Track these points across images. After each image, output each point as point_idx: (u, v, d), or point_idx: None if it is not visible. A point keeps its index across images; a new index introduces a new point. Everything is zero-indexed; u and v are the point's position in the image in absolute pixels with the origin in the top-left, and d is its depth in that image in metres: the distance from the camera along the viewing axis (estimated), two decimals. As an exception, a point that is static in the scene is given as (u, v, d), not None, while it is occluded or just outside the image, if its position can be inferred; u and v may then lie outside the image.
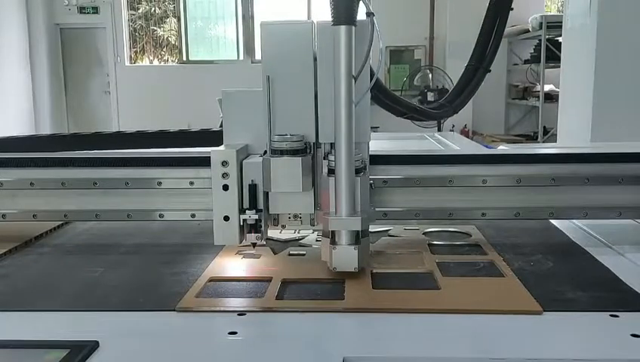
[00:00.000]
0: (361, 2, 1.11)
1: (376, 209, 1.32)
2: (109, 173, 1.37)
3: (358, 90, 1.11)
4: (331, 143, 1.16)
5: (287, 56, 1.19)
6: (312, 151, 1.20)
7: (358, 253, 1.13)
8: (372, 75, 1.17)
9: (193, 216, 1.35)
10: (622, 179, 1.33)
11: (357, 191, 1.13)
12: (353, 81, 1.09)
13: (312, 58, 1.19)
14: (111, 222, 1.51)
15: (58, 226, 1.56)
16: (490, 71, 1.91)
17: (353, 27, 1.09)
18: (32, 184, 1.38)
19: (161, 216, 1.37)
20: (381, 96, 1.63)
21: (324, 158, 1.20)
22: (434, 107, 2.09)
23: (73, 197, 1.39)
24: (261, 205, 1.17)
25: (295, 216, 1.24)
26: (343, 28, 1.08)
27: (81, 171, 1.39)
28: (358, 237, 1.14)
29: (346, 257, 1.14)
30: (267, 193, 1.17)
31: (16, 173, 1.40)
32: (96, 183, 1.37)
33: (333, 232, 1.15)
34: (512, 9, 1.84)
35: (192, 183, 1.34)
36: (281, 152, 1.14)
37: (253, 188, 1.15)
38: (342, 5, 1.08)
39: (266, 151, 1.17)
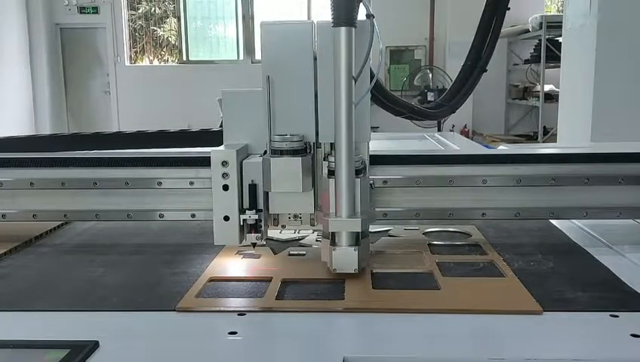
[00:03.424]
0: (361, 4, 1.11)
1: (377, 209, 1.32)
2: (109, 173, 1.37)
3: (358, 91, 1.11)
4: (331, 143, 1.16)
5: (287, 56, 1.19)
6: (312, 151, 1.20)
7: (358, 254, 1.13)
8: (372, 76, 1.17)
9: (193, 216, 1.35)
10: (622, 179, 1.33)
11: (357, 193, 1.12)
12: (353, 82, 1.09)
13: (312, 58, 1.19)
14: (111, 222, 1.51)
15: (58, 226, 1.56)
16: (486, 70, 1.91)
17: (353, 28, 1.08)
18: (32, 184, 1.38)
19: (161, 216, 1.37)
20: (379, 95, 1.63)
21: (324, 159, 1.20)
22: (431, 107, 2.09)
23: (73, 197, 1.39)
24: (261, 205, 1.17)
25: (295, 216, 1.24)
26: (343, 29, 1.08)
27: (81, 171, 1.39)
28: (358, 238, 1.14)
29: (345, 258, 1.13)
30: (267, 193, 1.17)
31: (16, 173, 1.40)
32: (96, 183, 1.37)
33: (333, 233, 1.15)
34: (509, 8, 1.84)
35: (192, 183, 1.34)
36: (281, 152, 1.14)
37: (253, 188, 1.15)
38: (342, 7, 1.07)
39: (266, 151, 1.17)
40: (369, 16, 1.12)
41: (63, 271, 1.27)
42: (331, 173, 1.13)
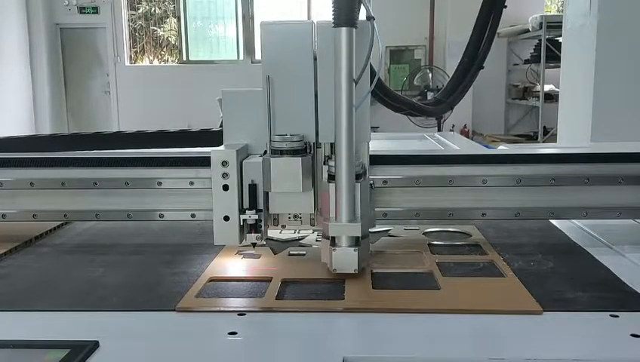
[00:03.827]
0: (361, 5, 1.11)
1: (377, 209, 1.32)
2: (109, 173, 1.37)
3: (359, 93, 1.11)
4: (331, 143, 1.17)
5: (288, 56, 1.19)
6: (312, 151, 1.20)
7: (358, 255, 1.13)
8: (373, 74, 1.17)
9: (193, 216, 1.35)
10: (622, 179, 1.33)
11: (357, 197, 1.12)
12: (354, 85, 1.09)
13: (312, 58, 1.19)
14: (111, 223, 1.51)
15: (57, 226, 1.56)
16: (483, 67, 1.91)
17: (354, 29, 1.08)
18: (32, 184, 1.38)
19: (161, 216, 1.37)
20: (379, 92, 1.64)
21: (324, 163, 1.20)
22: (430, 103, 2.10)
23: (73, 197, 1.39)
24: (261, 205, 1.17)
25: (295, 216, 1.24)
26: (343, 30, 1.08)
27: (81, 171, 1.39)
28: (358, 239, 1.14)
29: (345, 259, 1.13)
30: (267, 193, 1.17)
31: (16, 173, 1.40)
32: (96, 183, 1.37)
33: (333, 235, 1.15)
34: (505, 6, 1.85)
35: (192, 183, 1.34)
36: (281, 152, 1.14)
37: (253, 188, 1.15)
38: (343, 7, 1.07)
39: (266, 151, 1.17)
40: (369, 18, 1.12)
41: (63, 271, 1.26)
42: (331, 177, 1.13)
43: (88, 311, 1.04)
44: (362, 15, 1.13)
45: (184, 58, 11.45)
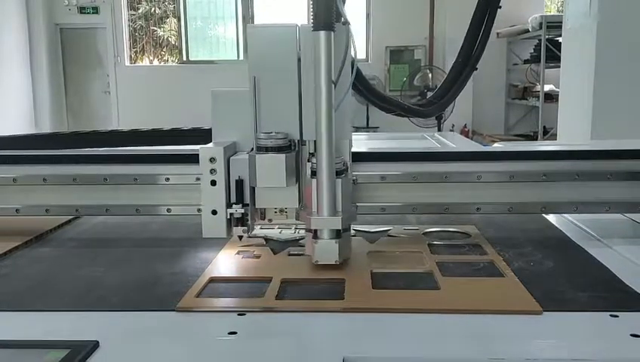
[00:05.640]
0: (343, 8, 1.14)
1: (375, 203, 1.36)
2: (119, 170, 1.41)
3: (339, 92, 1.15)
4: (315, 141, 1.19)
5: (273, 58, 1.23)
6: (296, 148, 1.24)
7: (339, 247, 1.17)
8: (352, 66, 1.19)
9: (199, 210, 1.37)
10: (610, 175, 1.36)
11: (338, 192, 1.17)
12: (333, 86, 1.12)
13: (297, 60, 1.23)
14: (114, 221, 1.55)
15: (61, 224, 1.57)
16: (477, 69, 1.92)
17: (332, 33, 1.12)
18: (44, 180, 1.41)
19: (168, 210, 1.40)
20: (370, 95, 1.67)
21: (308, 160, 1.23)
22: (422, 104, 2.10)
23: (84, 193, 1.42)
24: (247, 200, 1.20)
25: (281, 211, 1.28)
26: (322, 33, 1.11)
27: (91, 168, 1.42)
28: (339, 232, 1.18)
29: (327, 250, 1.17)
30: (253, 188, 1.21)
31: (29, 169, 1.43)
32: (106, 179, 1.40)
33: (315, 228, 1.18)
34: (500, 7, 1.85)
35: (197, 179, 1.36)
36: (267, 149, 1.18)
37: (239, 183, 1.19)
38: (321, 12, 1.11)
39: (252, 148, 1.20)
40: (345, 23, 1.16)
41: (66, 269, 1.27)
42: (314, 173, 1.17)
43: (88, 311, 1.04)
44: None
45: (184, 58, 11.46)
